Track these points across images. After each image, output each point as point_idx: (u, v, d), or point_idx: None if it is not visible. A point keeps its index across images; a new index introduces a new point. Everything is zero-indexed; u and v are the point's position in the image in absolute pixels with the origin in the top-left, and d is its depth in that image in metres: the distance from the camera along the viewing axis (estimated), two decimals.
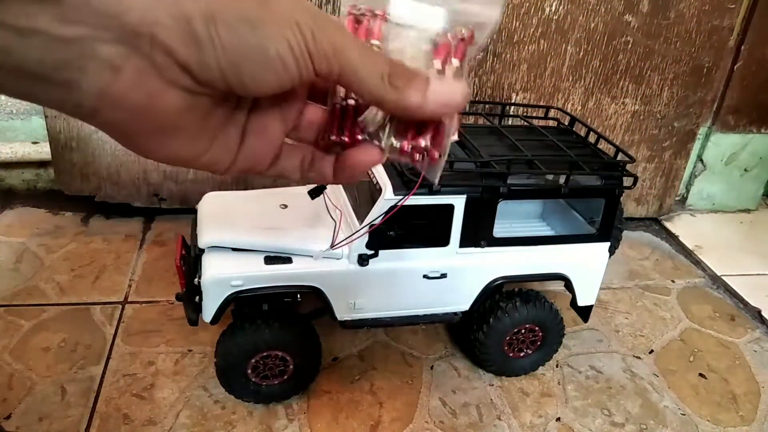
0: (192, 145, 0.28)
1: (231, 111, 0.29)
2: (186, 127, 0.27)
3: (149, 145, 0.27)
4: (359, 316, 0.78)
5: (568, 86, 1.17)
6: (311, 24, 0.26)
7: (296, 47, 0.25)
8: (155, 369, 0.85)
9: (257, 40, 0.25)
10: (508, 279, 0.81)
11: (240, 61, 0.25)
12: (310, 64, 0.26)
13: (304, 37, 0.26)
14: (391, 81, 0.28)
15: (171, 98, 0.25)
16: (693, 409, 0.87)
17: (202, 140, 0.28)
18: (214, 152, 0.29)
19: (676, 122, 1.25)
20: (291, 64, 0.26)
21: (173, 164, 0.29)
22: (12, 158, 1.21)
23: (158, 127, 0.26)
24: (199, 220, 0.77)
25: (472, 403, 0.84)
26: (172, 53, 0.24)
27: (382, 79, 0.28)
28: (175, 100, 0.25)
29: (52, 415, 0.77)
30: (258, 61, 0.25)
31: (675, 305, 1.10)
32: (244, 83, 0.26)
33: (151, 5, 0.23)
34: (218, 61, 0.25)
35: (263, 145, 0.31)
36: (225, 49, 0.24)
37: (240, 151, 0.30)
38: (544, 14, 1.09)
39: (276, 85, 0.27)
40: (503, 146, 0.81)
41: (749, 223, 1.43)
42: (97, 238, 1.15)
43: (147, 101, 0.25)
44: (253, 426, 0.78)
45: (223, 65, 0.25)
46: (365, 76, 0.28)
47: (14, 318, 0.92)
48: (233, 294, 0.71)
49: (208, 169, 0.30)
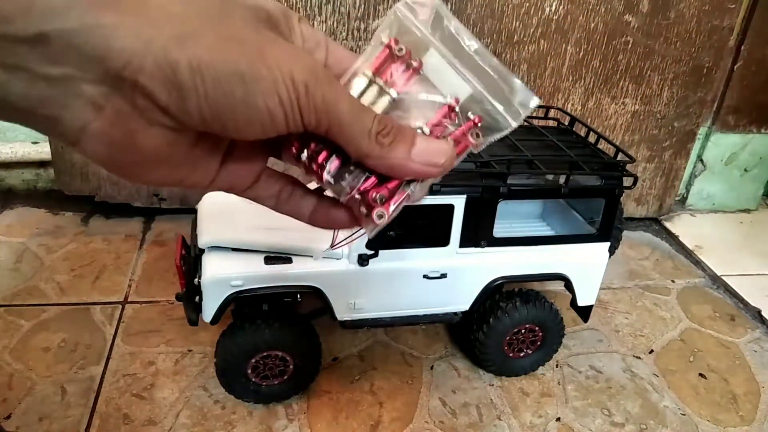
0: (175, 172, 0.28)
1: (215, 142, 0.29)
2: (168, 159, 0.27)
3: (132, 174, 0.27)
4: (359, 316, 0.78)
5: (568, 86, 1.17)
6: (306, 78, 0.25)
7: (287, 102, 0.25)
8: (155, 369, 0.85)
9: (246, 95, 0.25)
10: (508, 279, 0.81)
11: (224, 112, 0.25)
12: (299, 118, 0.26)
13: (297, 92, 0.25)
14: (378, 139, 0.28)
15: (152, 136, 0.25)
16: (693, 409, 0.87)
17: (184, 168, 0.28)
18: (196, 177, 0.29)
19: (676, 122, 1.25)
20: (280, 117, 0.26)
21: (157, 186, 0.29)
22: (12, 158, 1.21)
23: (139, 160, 0.26)
24: (199, 220, 0.77)
25: (472, 403, 0.84)
26: (153, 98, 0.24)
27: (369, 137, 0.28)
28: (156, 137, 0.25)
29: (52, 415, 0.77)
30: (244, 113, 0.25)
31: (675, 305, 1.10)
32: (227, 130, 0.26)
33: (139, 51, 0.23)
34: (200, 110, 0.25)
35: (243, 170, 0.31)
36: (209, 100, 0.24)
37: (219, 173, 0.30)
38: (544, 14, 1.09)
39: (260, 134, 0.27)
40: (503, 146, 0.81)
41: (749, 223, 1.43)
42: (97, 238, 1.15)
43: (127, 138, 0.25)
44: (253, 426, 0.78)
45: (206, 113, 0.25)
46: (353, 133, 0.28)
47: (14, 318, 0.92)
48: (233, 294, 0.71)
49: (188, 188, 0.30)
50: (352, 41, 1.06)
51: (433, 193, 0.71)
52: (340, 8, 1.03)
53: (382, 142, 0.28)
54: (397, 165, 0.29)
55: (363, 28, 1.05)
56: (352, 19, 1.04)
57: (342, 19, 1.04)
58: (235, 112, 0.25)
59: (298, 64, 0.26)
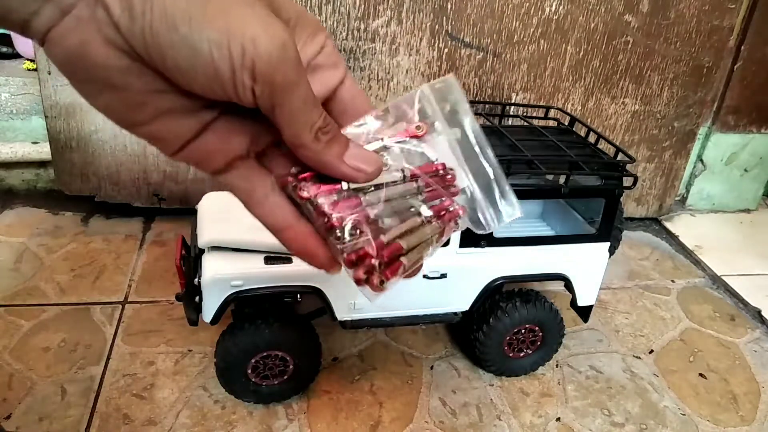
0: (129, 110, 0.28)
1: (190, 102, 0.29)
2: (122, 89, 0.27)
3: (84, 91, 0.28)
4: (359, 316, 0.78)
5: (568, 86, 1.17)
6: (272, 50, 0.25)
7: (238, 62, 0.25)
8: (155, 369, 0.85)
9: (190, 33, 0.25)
10: (508, 279, 0.81)
11: (164, 45, 0.25)
12: (249, 84, 0.26)
13: (256, 59, 0.25)
14: (318, 134, 0.29)
15: (103, 53, 0.26)
16: (693, 409, 0.87)
17: (144, 110, 0.28)
18: (156, 129, 0.29)
19: (676, 122, 1.25)
20: (225, 73, 0.26)
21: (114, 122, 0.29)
22: (12, 158, 1.21)
23: (89, 77, 0.27)
24: (199, 220, 0.77)
25: (472, 403, 0.84)
26: (108, 10, 0.25)
27: (311, 130, 0.29)
28: (107, 56, 0.26)
29: (52, 415, 0.77)
30: (186, 55, 0.25)
31: (675, 305, 1.10)
32: (168, 70, 0.26)
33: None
34: (144, 36, 0.25)
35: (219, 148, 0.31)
36: (153, 28, 0.25)
37: (193, 142, 0.30)
38: (544, 14, 1.09)
39: (204, 85, 0.26)
40: (503, 146, 0.81)
41: (749, 223, 1.43)
42: (97, 238, 1.15)
43: (80, 48, 0.26)
44: (253, 426, 0.78)
45: (149, 41, 0.25)
46: (298, 121, 0.28)
47: (14, 318, 0.92)
48: (233, 294, 0.71)
49: (151, 143, 0.30)
50: (352, 41, 1.06)
51: None
52: (340, 8, 1.03)
53: (321, 138, 0.29)
54: (329, 162, 0.30)
55: (363, 28, 1.05)
56: (352, 19, 1.04)
57: (342, 19, 1.04)
58: (175, 49, 0.25)
59: (269, 34, 0.25)
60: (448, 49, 1.09)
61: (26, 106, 1.21)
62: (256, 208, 0.32)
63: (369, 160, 0.31)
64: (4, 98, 1.20)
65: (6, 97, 1.19)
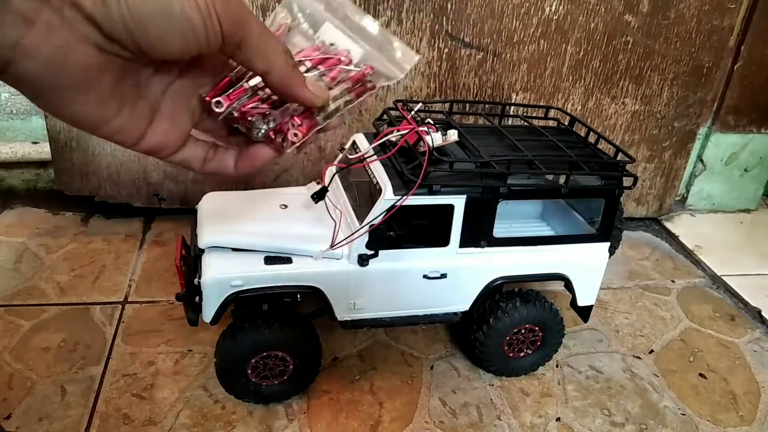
0: (101, 107, 0.29)
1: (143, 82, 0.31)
2: (96, 86, 0.28)
3: (60, 101, 0.28)
4: (359, 316, 0.78)
5: (568, 86, 1.17)
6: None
7: (204, 7, 0.27)
8: (155, 369, 0.85)
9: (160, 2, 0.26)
10: (508, 279, 0.81)
11: (145, 20, 0.26)
12: (218, 27, 0.28)
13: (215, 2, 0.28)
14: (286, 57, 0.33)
15: (81, 53, 0.26)
16: (693, 409, 0.87)
17: (111, 105, 0.30)
18: (121, 120, 0.31)
19: (676, 122, 1.25)
20: (198, 24, 0.28)
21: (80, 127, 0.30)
22: (12, 158, 1.22)
23: (69, 83, 0.27)
24: (199, 220, 0.77)
25: (472, 403, 0.84)
26: (79, 7, 0.25)
27: (285, 54, 0.33)
28: (86, 55, 0.26)
29: (52, 415, 0.77)
30: (164, 20, 0.27)
31: (675, 305, 1.10)
32: (151, 42, 0.27)
33: None
34: (123, 18, 0.26)
35: (171, 129, 0.34)
36: (129, 6, 0.25)
37: (149, 128, 0.33)
38: (544, 14, 1.09)
39: (182, 46, 0.28)
40: (503, 146, 0.81)
41: (749, 223, 1.43)
42: (97, 238, 1.15)
43: (58, 54, 0.26)
44: (253, 426, 0.78)
45: (129, 22, 0.26)
46: (268, 48, 0.31)
47: (14, 318, 0.92)
48: (233, 294, 0.71)
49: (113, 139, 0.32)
50: None
51: (433, 193, 0.71)
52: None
53: (289, 62, 0.33)
54: (297, 86, 0.34)
55: None
56: None
57: None
58: (156, 19, 0.26)
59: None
60: (448, 49, 1.09)
61: (26, 106, 1.21)
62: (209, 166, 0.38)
63: (322, 87, 0.37)
64: (4, 98, 1.20)
65: (6, 97, 1.19)
